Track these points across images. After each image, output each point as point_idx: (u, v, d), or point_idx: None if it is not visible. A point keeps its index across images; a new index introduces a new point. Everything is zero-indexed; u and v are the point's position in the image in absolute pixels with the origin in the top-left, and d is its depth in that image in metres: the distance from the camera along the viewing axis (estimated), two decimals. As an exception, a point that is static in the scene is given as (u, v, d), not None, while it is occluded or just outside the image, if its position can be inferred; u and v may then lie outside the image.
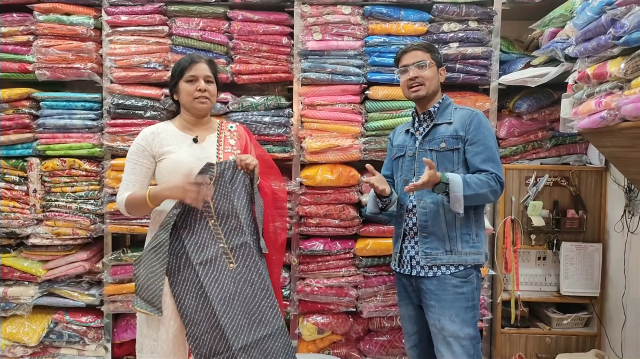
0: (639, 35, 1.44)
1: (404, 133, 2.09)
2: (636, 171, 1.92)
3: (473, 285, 1.90)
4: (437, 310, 1.88)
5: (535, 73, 2.40)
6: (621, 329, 2.45)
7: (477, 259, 1.91)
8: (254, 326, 1.76)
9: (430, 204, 1.90)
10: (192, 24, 2.60)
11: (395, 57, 2.04)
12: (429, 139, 1.95)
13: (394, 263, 2.05)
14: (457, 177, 1.79)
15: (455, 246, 1.89)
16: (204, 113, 1.88)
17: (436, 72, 1.97)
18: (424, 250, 1.91)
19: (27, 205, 2.67)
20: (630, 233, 2.41)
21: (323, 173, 2.54)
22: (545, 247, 2.63)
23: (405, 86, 1.98)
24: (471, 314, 1.88)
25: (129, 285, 2.64)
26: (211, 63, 1.88)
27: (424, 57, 1.94)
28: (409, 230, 1.97)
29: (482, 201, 1.87)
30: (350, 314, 2.68)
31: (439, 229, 1.89)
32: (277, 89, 2.80)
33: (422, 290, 1.93)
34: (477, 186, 1.80)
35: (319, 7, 2.57)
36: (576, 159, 2.70)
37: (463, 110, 1.97)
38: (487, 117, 1.95)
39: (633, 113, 1.50)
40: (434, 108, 1.97)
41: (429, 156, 1.91)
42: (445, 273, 1.88)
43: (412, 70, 1.94)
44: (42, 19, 2.59)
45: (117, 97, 2.61)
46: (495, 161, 1.88)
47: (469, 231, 1.91)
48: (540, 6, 2.53)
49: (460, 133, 1.90)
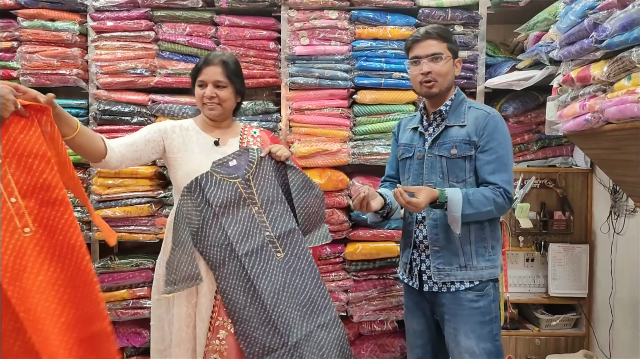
0: (620, 38, 1.46)
1: (411, 130, 1.90)
2: (621, 173, 1.94)
3: (490, 297, 1.77)
4: (453, 324, 1.76)
5: (521, 77, 2.42)
6: (609, 329, 2.47)
7: (493, 273, 1.78)
8: (306, 318, 1.69)
9: (442, 216, 1.74)
10: (178, 29, 2.59)
11: (406, 45, 1.81)
12: (439, 143, 1.77)
13: (403, 273, 1.92)
14: (458, 196, 1.64)
15: (470, 261, 1.74)
16: (218, 119, 1.82)
17: (452, 66, 1.76)
18: (435, 265, 1.76)
19: (12, 213, 2.63)
20: (616, 234, 2.44)
21: (312, 178, 2.51)
22: (533, 249, 2.65)
23: (416, 80, 1.77)
24: (488, 328, 1.75)
25: (117, 293, 2.61)
26: (226, 65, 1.75)
27: (439, 48, 1.72)
28: (419, 243, 1.82)
29: (485, 218, 1.73)
30: (341, 319, 2.67)
31: (452, 243, 1.74)
32: (265, 94, 2.79)
33: (436, 303, 1.81)
34: (481, 203, 1.66)
35: (305, 12, 2.57)
36: (562, 161, 2.72)
37: (478, 110, 1.78)
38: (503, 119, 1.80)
39: (616, 115, 1.52)
40: (445, 107, 1.79)
41: (438, 162, 1.77)
42: (460, 288, 1.75)
43: (425, 64, 1.72)
44: (26, 25, 2.56)
45: (104, 103, 2.59)
46: (506, 172, 1.72)
47: (484, 243, 1.76)
48: (524, 10, 2.55)
49: (474, 138, 1.72)
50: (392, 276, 2.63)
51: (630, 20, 1.41)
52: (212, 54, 1.81)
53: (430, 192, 1.63)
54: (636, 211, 2.29)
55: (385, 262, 2.61)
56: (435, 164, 1.78)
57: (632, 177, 1.83)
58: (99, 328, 1.33)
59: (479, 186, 1.75)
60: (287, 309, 1.67)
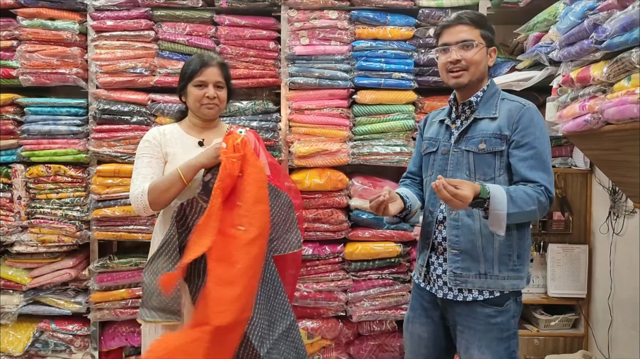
0: (620, 39, 1.47)
1: (438, 123, 1.74)
2: (620, 173, 1.94)
3: (510, 313, 1.58)
4: (466, 336, 1.59)
5: (521, 77, 2.42)
6: (608, 330, 2.47)
7: (517, 285, 1.59)
8: (272, 328, 1.71)
9: (464, 216, 1.58)
10: (178, 29, 2.59)
11: (435, 32, 1.67)
12: (467, 137, 1.61)
13: (418, 276, 1.74)
14: (501, 191, 1.44)
15: (490, 269, 1.56)
16: (212, 118, 1.84)
17: (485, 54, 1.60)
18: (452, 269, 1.59)
19: (11, 212, 2.63)
20: (615, 235, 2.44)
21: (311, 178, 2.54)
22: (533, 249, 2.65)
23: (444, 69, 1.61)
24: (505, 345, 1.57)
25: (116, 292, 2.61)
26: (223, 67, 1.80)
27: (470, 34, 1.57)
28: (437, 245, 1.66)
29: (527, 219, 1.55)
30: (340, 319, 2.68)
31: (473, 247, 1.57)
32: (264, 94, 2.79)
33: (449, 311, 1.65)
34: (524, 202, 1.46)
35: (305, 11, 2.57)
36: (562, 162, 2.72)
37: (512, 102, 1.60)
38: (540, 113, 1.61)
39: (616, 116, 1.52)
40: (476, 97, 1.62)
41: (465, 158, 1.60)
42: (477, 298, 1.57)
43: (455, 52, 1.57)
44: (25, 24, 2.56)
45: (103, 103, 2.59)
46: (546, 170, 1.54)
47: (509, 251, 1.57)
48: (524, 11, 2.56)
49: (505, 132, 1.55)
50: (391, 276, 2.63)
51: (630, 21, 1.41)
52: (205, 56, 1.81)
53: (473, 185, 1.40)
54: (635, 212, 2.29)
55: (384, 262, 2.61)
56: (462, 160, 1.61)
57: (632, 178, 1.83)
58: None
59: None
60: (259, 321, 1.67)
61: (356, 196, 2.59)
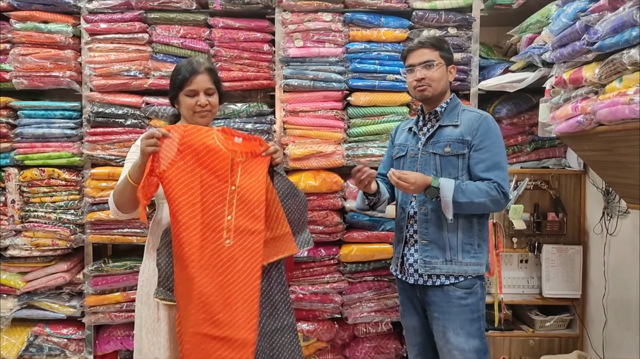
0: (611, 41, 1.47)
1: (407, 131, 2.01)
2: (613, 174, 1.95)
3: (478, 295, 1.85)
4: (442, 322, 1.83)
5: (514, 79, 2.44)
6: (602, 330, 2.48)
7: (478, 270, 1.85)
8: (264, 319, 1.71)
9: (432, 211, 1.84)
10: (172, 32, 2.59)
11: (402, 55, 1.95)
12: (433, 141, 1.87)
13: (395, 268, 1.99)
14: (449, 182, 1.74)
15: (455, 256, 1.82)
16: (205, 125, 1.83)
17: (445, 72, 1.87)
18: (423, 258, 1.85)
19: (5, 216, 2.62)
20: (609, 235, 2.45)
21: (306, 180, 2.54)
22: (527, 250, 2.66)
23: (412, 86, 1.90)
24: (476, 325, 1.83)
25: (111, 296, 2.60)
26: (212, 72, 1.79)
27: (431, 55, 1.84)
28: (409, 237, 1.91)
29: (481, 210, 1.80)
30: (336, 321, 2.67)
31: (440, 237, 1.84)
32: (259, 96, 2.79)
33: (426, 301, 1.88)
34: (474, 194, 1.73)
35: (299, 14, 2.58)
36: (555, 163, 2.74)
37: (471, 112, 1.88)
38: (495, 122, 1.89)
39: (608, 117, 1.53)
40: (440, 108, 1.89)
41: (432, 160, 1.86)
42: (445, 282, 1.82)
43: (419, 71, 1.85)
44: (19, 27, 2.55)
45: (97, 106, 2.58)
46: (500, 168, 1.79)
47: (471, 241, 1.85)
48: (517, 12, 2.57)
49: (467, 137, 1.81)
50: (387, 277, 2.63)
51: (621, 23, 1.42)
52: (193, 63, 1.77)
53: (422, 176, 1.74)
54: (629, 212, 2.31)
55: (380, 264, 2.61)
56: (429, 161, 1.86)
57: (625, 179, 1.84)
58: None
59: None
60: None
61: (351, 198, 2.60)
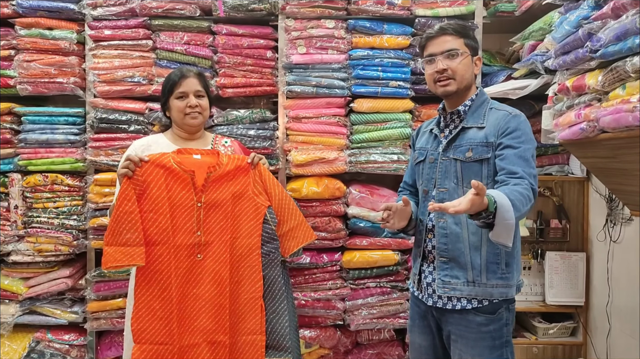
0: (614, 48, 1.48)
1: (428, 133, 1.77)
2: (617, 181, 1.95)
3: (502, 321, 1.59)
4: (459, 346, 1.61)
5: (517, 86, 2.44)
6: (606, 337, 2.47)
7: (506, 293, 1.59)
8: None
9: (452, 224, 1.60)
10: (176, 38, 2.60)
11: (420, 44, 1.70)
12: (455, 145, 1.62)
13: (413, 285, 1.78)
14: (504, 199, 1.33)
15: (478, 277, 1.57)
16: (196, 128, 1.87)
17: (471, 63, 1.63)
18: (441, 277, 1.61)
19: (8, 221, 2.62)
20: (612, 242, 2.44)
21: (309, 186, 2.54)
22: (530, 257, 2.65)
23: (431, 79, 1.65)
24: (498, 353, 1.59)
25: (113, 302, 2.59)
26: (201, 77, 1.86)
27: (455, 44, 1.60)
28: (427, 253, 1.68)
29: (520, 219, 1.46)
30: (338, 328, 2.66)
31: (461, 254, 1.59)
32: (262, 102, 2.80)
33: (443, 321, 1.67)
34: (521, 203, 1.38)
35: (303, 21, 2.59)
36: (558, 169, 2.73)
37: (499, 111, 1.61)
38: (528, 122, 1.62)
39: (611, 124, 1.53)
40: (464, 107, 1.64)
41: (453, 166, 1.61)
42: (466, 306, 1.59)
43: (440, 61, 1.60)
44: (23, 34, 2.57)
45: (101, 111, 2.59)
46: (529, 165, 1.51)
47: (497, 259, 1.58)
48: (520, 20, 2.58)
49: (491, 139, 1.56)
50: (390, 284, 2.62)
51: (624, 31, 1.42)
52: (182, 69, 1.89)
53: (479, 200, 1.27)
54: (632, 220, 2.30)
55: (382, 270, 2.60)
56: (450, 168, 1.63)
57: (628, 186, 1.84)
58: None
59: (498, 183, 1.52)
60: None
61: (354, 205, 2.59)
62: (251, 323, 1.76)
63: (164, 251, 1.70)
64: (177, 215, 1.72)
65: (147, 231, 1.69)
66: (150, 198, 1.70)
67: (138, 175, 1.69)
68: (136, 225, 1.66)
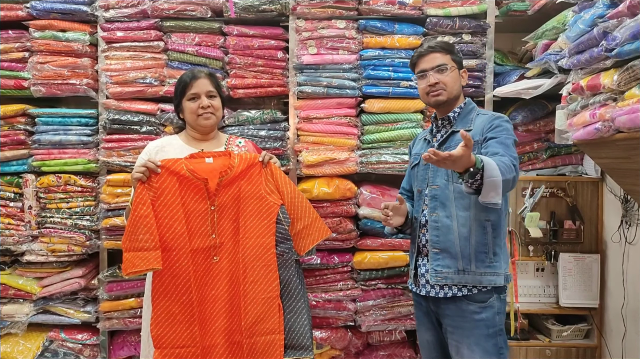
0: (631, 47, 1.46)
1: (423, 140, 1.97)
2: (632, 182, 1.92)
3: (494, 309, 1.73)
4: (456, 337, 1.75)
5: (530, 85, 2.41)
6: (621, 340, 2.43)
7: (494, 281, 1.72)
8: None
9: (444, 218, 1.76)
10: (187, 39, 2.61)
11: (411, 61, 1.89)
12: (445, 147, 1.79)
13: (410, 281, 1.92)
14: (490, 159, 1.49)
15: (468, 266, 1.72)
16: (210, 129, 1.87)
17: (458, 75, 1.83)
18: (434, 267, 1.76)
19: (22, 221, 2.65)
20: (628, 244, 2.41)
21: (320, 187, 2.53)
22: (543, 258, 2.62)
23: (424, 92, 1.84)
24: (492, 341, 1.72)
25: (125, 302, 2.61)
26: (212, 77, 1.87)
27: (443, 59, 1.80)
28: (422, 247, 1.84)
29: (506, 190, 1.59)
30: (349, 329, 2.66)
31: (452, 245, 1.74)
32: (272, 103, 2.80)
33: (440, 314, 1.81)
34: (505, 170, 1.50)
35: (313, 21, 2.58)
36: (572, 170, 2.70)
37: (485, 115, 1.81)
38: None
39: (627, 124, 1.51)
40: (454, 113, 1.83)
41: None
42: (457, 294, 1.73)
43: (432, 76, 1.79)
44: (37, 36, 2.60)
45: (113, 113, 2.61)
46: (512, 152, 1.65)
47: (485, 248, 1.73)
48: (533, 19, 2.55)
49: (477, 138, 1.72)
50: (401, 285, 2.61)
51: (641, 29, 1.40)
52: (194, 70, 1.89)
53: (467, 151, 1.40)
54: (648, 221, 2.27)
55: (393, 271, 2.60)
56: (441, 168, 1.72)
57: (644, 186, 1.81)
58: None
59: None
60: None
61: (365, 205, 2.59)
62: (269, 323, 1.76)
63: (180, 256, 1.72)
64: (192, 220, 1.75)
65: (163, 237, 1.71)
66: (165, 205, 1.71)
67: (152, 181, 1.71)
68: (152, 228, 1.68)
